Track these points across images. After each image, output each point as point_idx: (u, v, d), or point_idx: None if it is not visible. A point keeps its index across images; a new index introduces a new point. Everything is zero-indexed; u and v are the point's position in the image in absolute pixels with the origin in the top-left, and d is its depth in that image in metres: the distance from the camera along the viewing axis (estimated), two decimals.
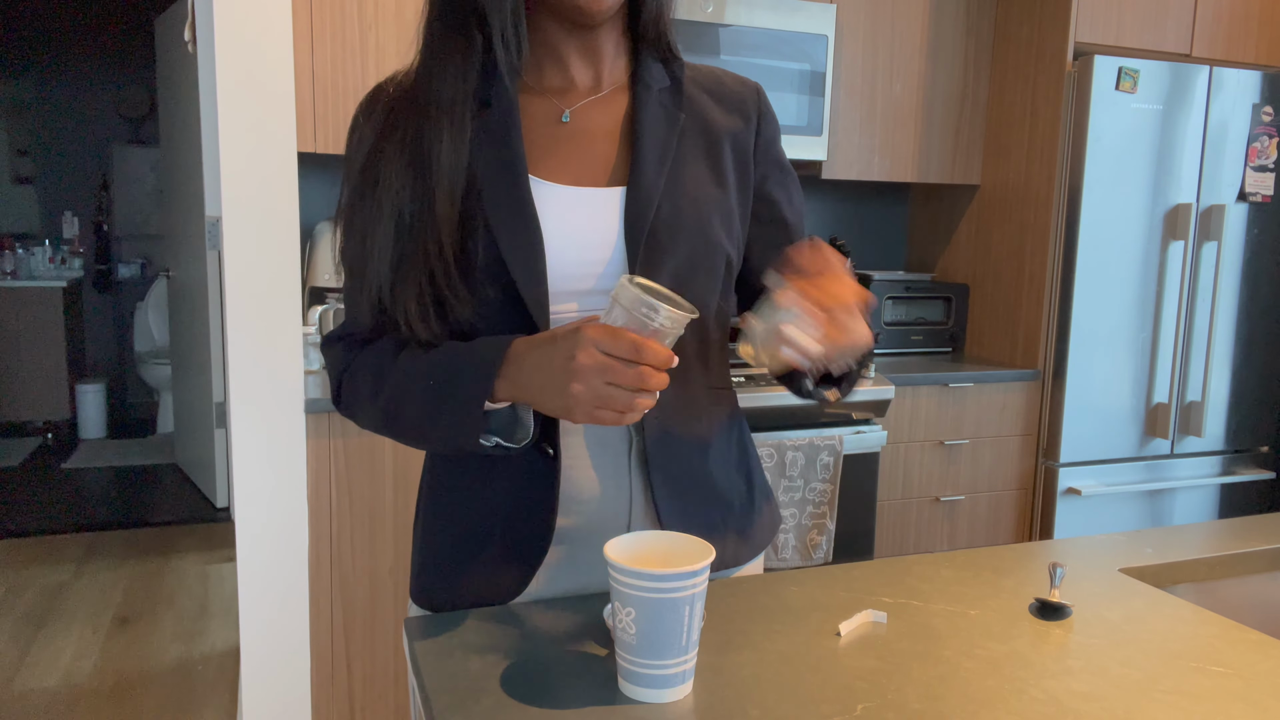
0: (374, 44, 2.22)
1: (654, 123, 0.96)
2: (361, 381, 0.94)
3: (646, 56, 0.99)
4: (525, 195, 0.90)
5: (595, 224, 0.93)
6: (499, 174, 0.91)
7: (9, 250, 5.43)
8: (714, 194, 0.97)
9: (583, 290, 0.92)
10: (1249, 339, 2.87)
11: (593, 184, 0.94)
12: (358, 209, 0.92)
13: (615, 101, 0.98)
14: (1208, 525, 1.26)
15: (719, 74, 1.04)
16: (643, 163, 0.94)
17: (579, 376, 0.78)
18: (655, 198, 0.93)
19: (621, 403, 0.78)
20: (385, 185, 0.89)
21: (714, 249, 0.96)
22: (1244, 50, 2.87)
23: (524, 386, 0.83)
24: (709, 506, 1.01)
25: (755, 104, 1.03)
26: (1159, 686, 0.80)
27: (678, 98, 0.99)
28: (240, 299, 1.89)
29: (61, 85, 5.92)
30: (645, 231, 0.92)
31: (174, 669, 2.77)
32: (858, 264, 3.26)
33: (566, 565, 0.96)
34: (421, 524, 1.02)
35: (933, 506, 2.69)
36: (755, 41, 2.53)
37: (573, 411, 0.79)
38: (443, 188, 0.88)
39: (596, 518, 0.95)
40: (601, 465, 0.95)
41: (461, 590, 0.96)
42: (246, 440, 1.93)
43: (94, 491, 4.45)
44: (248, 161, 1.87)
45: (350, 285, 0.96)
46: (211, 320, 3.86)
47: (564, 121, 0.96)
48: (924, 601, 0.96)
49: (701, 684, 0.78)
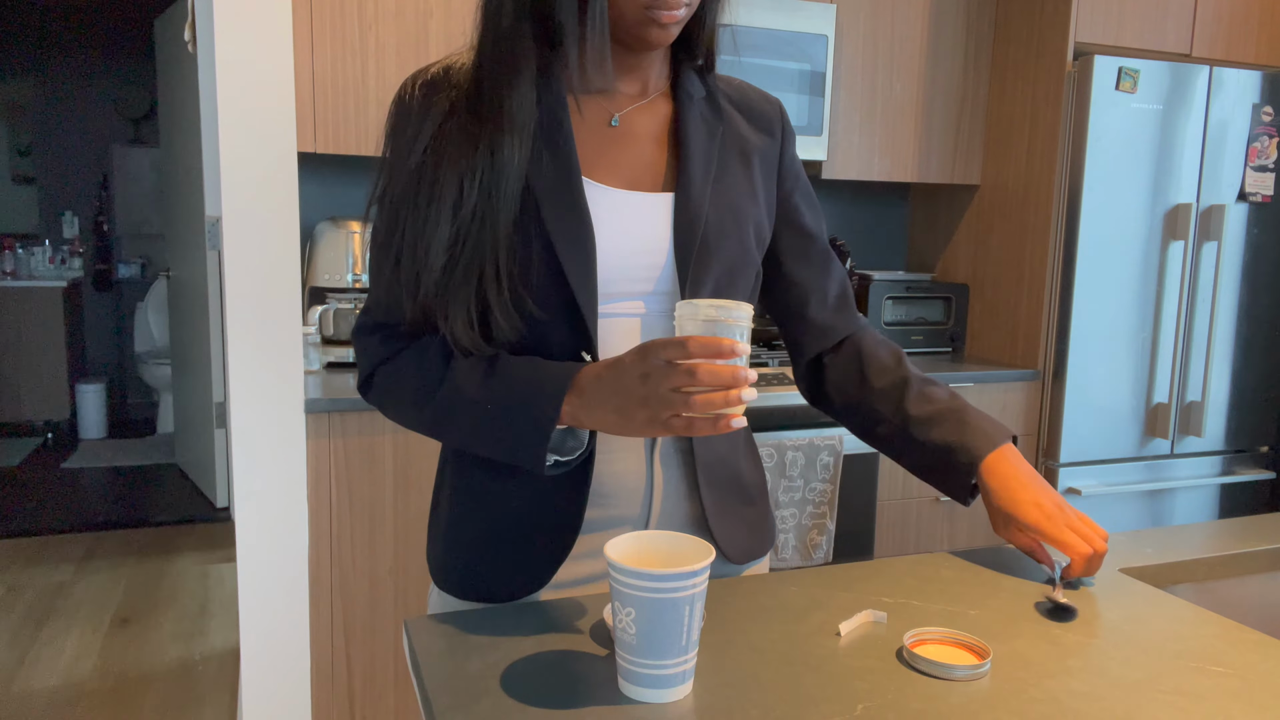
0: (374, 44, 2.22)
1: (698, 131, 0.98)
2: (405, 382, 0.94)
3: (686, 66, 1.02)
4: (579, 196, 0.91)
5: (646, 228, 0.94)
6: (553, 175, 0.91)
7: (9, 250, 5.43)
8: (750, 205, 1.01)
9: (631, 293, 0.94)
10: (1249, 339, 2.87)
11: (642, 188, 0.96)
12: (410, 206, 0.91)
13: (659, 108, 1.01)
14: (1208, 525, 1.26)
15: (745, 88, 1.07)
16: (691, 170, 0.96)
17: (658, 387, 0.78)
18: (704, 206, 0.96)
19: (710, 404, 0.77)
20: (446, 191, 0.88)
21: (750, 258, 1.00)
22: (1244, 50, 2.87)
23: (593, 412, 0.84)
24: (742, 500, 1.05)
25: (779, 120, 1.07)
26: (1159, 686, 0.80)
27: (715, 108, 1.02)
28: (240, 299, 1.89)
29: (61, 85, 5.92)
30: (696, 239, 0.94)
31: (174, 669, 2.77)
32: (858, 264, 3.26)
33: (587, 556, 0.99)
34: (446, 511, 1.02)
35: (933, 506, 2.69)
36: (755, 41, 2.53)
37: (654, 424, 0.80)
38: (508, 210, 0.88)
39: (619, 509, 0.97)
40: (624, 459, 0.97)
41: (488, 577, 0.98)
42: (246, 440, 1.93)
43: (94, 491, 4.45)
44: (248, 161, 1.87)
45: (390, 276, 0.94)
46: (211, 320, 3.86)
47: (613, 125, 0.98)
48: (924, 601, 0.96)
49: (701, 684, 0.78)
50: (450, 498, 1.02)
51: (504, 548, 0.97)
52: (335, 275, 2.41)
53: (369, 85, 2.23)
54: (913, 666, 0.82)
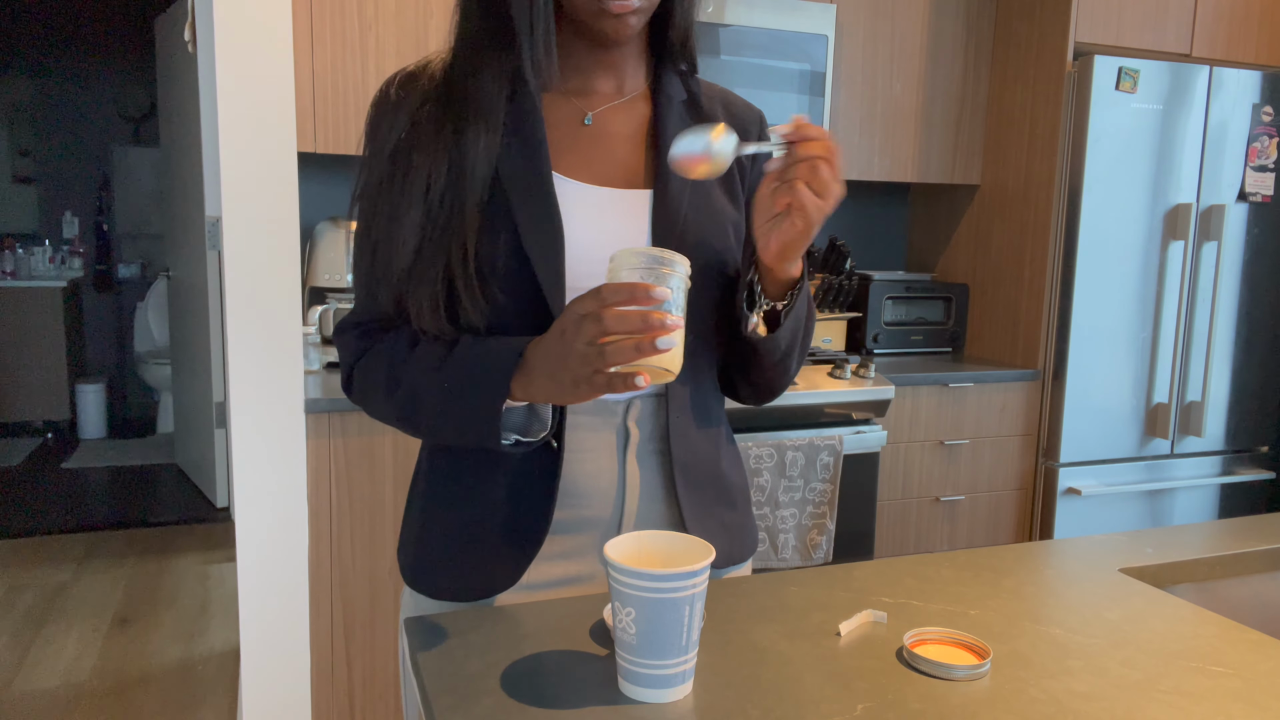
0: (374, 44, 2.22)
1: (677, 131, 0.98)
2: (376, 374, 0.95)
3: (667, 68, 1.02)
4: (549, 189, 0.92)
5: (620, 223, 0.94)
6: (524, 168, 0.92)
7: (9, 250, 5.43)
8: (728, 207, 1.01)
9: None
10: (1249, 339, 2.87)
11: (615, 185, 0.96)
12: (385, 194, 0.92)
13: (636, 108, 1.01)
14: (1208, 525, 1.26)
15: (729, 95, 1.07)
16: (668, 168, 0.95)
17: (573, 342, 0.77)
18: (683, 204, 0.96)
19: (620, 352, 0.75)
20: (417, 176, 0.90)
21: (727, 259, 0.99)
22: (1244, 50, 2.87)
23: (538, 383, 0.83)
24: (721, 502, 1.04)
25: (757, 128, 1.06)
26: (1159, 686, 0.80)
27: (696, 110, 1.02)
28: (240, 299, 1.89)
29: (61, 85, 5.92)
30: (675, 236, 0.94)
31: (174, 669, 2.77)
32: (858, 264, 3.26)
33: (560, 557, 0.97)
34: (418, 508, 1.02)
35: (933, 506, 2.69)
36: (755, 41, 2.53)
37: (579, 385, 0.79)
38: (473, 191, 0.90)
39: (590, 510, 0.96)
40: (595, 458, 0.96)
41: (458, 577, 0.97)
42: (246, 440, 1.93)
43: (94, 491, 4.45)
44: (248, 161, 1.87)
45: (368, 270, 0.95)
46: (211, 320, 3.86)
47: (586, 124, 0.98)
48: (924, 601, 0.96)
49: (701, 684, 0.78)
50: (423, 498, 1.02)
51: (472, 547, 0.97)
52: (335, 275, 2.41)
53: (369, 85, 2.23)
54: (913, 666, 0.82)
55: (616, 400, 0.95)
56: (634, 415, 0.96)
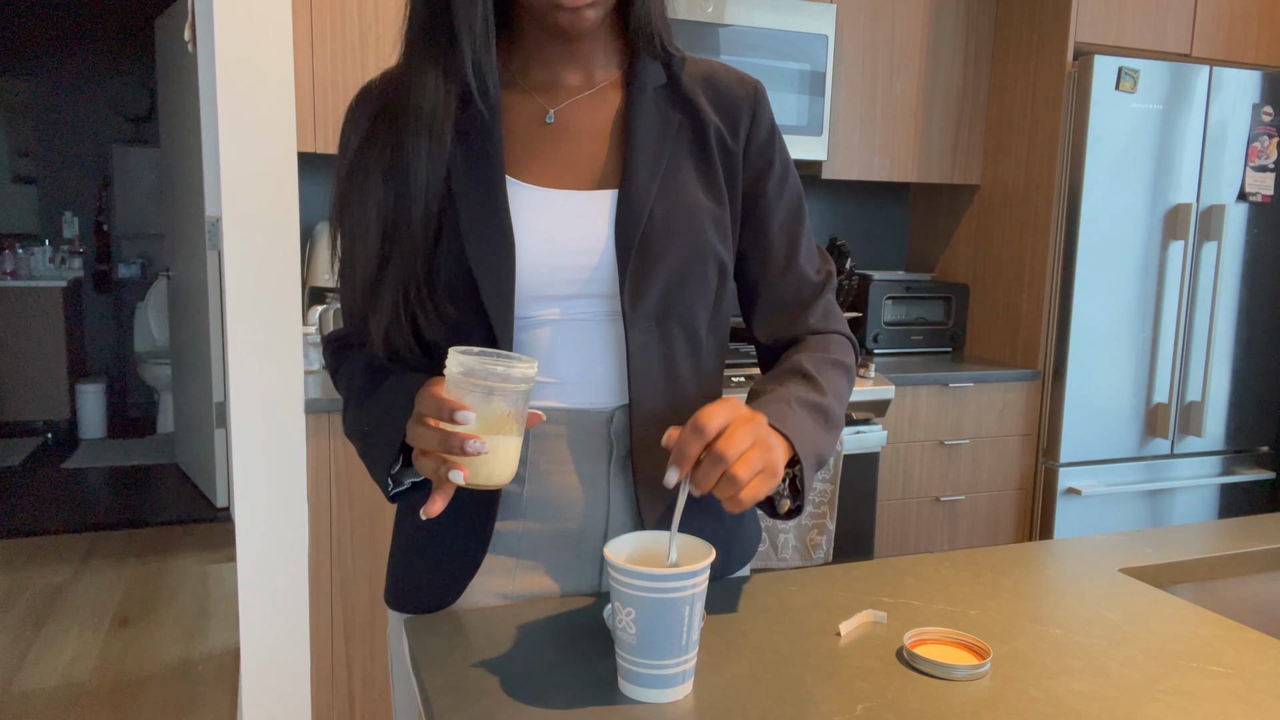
0: (374, 44, 2.22)
1: (648, 123, 0.93)
2: (340, 390, 0.99)
3: (643, 54, 0.96)
4: (500, 197, 0.89)
5: (580, 228, 0.90)
6: (474, 176, 0.89)
7: (9, 250, 5.43)
8: (707, 198, 0.94)
9: (563, 295, 0.90)
10: (1249, 339, 2.87)
11: (578, 186, 0.92)
12: (345, 214, 0.92)
13: (607, 100, 0.95)
14: (1208, 525, 1.26)
15: (718, 71, 0.99)
16: (635, 165, 0.91)
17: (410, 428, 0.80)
18: (648, 202, 0.90)
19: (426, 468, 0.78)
20: (370, 194, 0.89)
21: (707, 255, 0.93)
22: (1244, 50, 2.87)
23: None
24: (702, 515, 0.99)
25: (750, 105, 0.98)
26: (1159, 686, 0.80)
27: (674, 96, 0.95)
28: (240, 299, 1.89)
29: (61, 85, 5.92)
30: (637, 237, 0.89)
31: (174, 669, 2.77)
32: (858, 264, 3.26)
33: (541, 571, 0.95)
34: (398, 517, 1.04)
35: (933, 506, 2.69)
36: (755, 41, 2.53)
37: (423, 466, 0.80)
38: (419, 204, 0.88)
39: (573, 523, 0.94)
40: (580, 471, 0.93)
41: (409, 590, 0.98)
42: (246, 440, 1.93)
43: (94, 491, 4.45)
44: (248, 161, 1.87)
45: (342, 288, 0.98)
46: (211, 320, 3.86)
47: (548, 122, 0.94)
48: (924, 601, 0.96)
49: (701, 684, 0.78)
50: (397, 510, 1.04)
51: (417, 560, 0.97)
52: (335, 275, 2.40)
53: None
54: (913, 666, 0.82)
55: (599, 410, 0.93)
56: (615, 427, 0.93)
